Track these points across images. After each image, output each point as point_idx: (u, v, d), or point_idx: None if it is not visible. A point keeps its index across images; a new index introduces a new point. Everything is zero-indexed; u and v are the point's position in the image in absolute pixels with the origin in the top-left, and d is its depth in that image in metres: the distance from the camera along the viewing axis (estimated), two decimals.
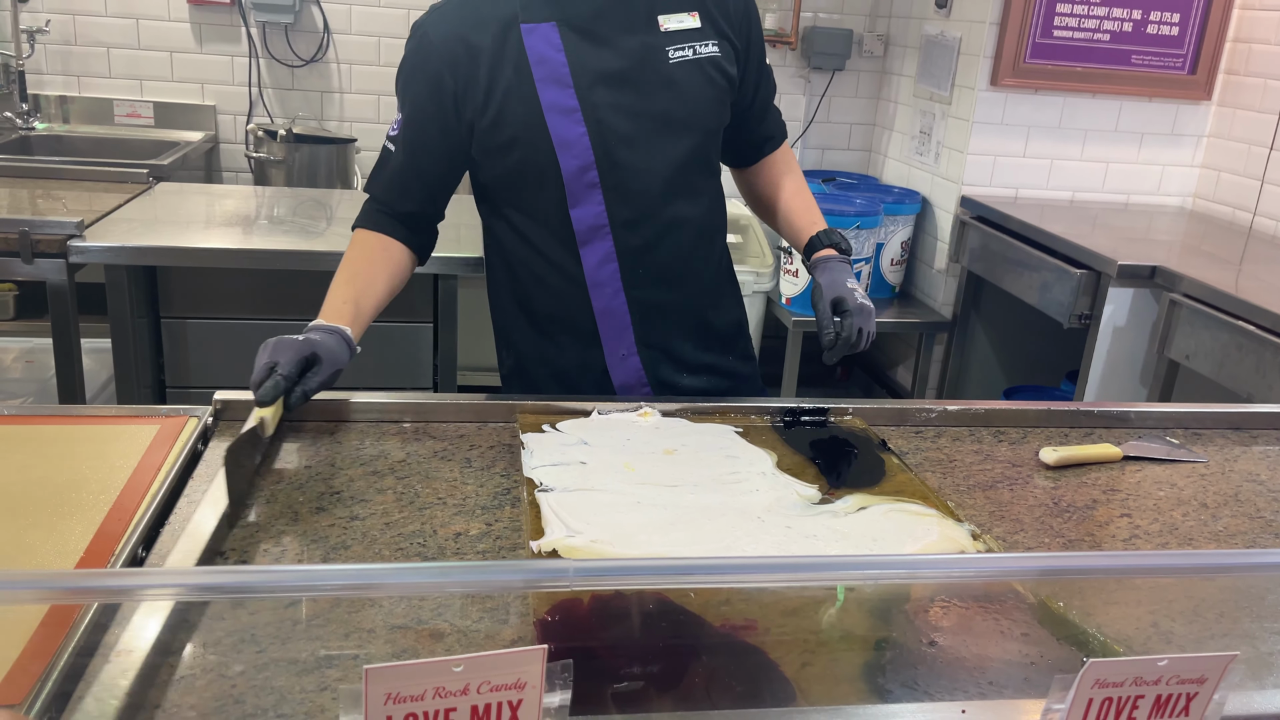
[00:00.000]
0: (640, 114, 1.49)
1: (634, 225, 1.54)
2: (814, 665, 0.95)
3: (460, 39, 1.47)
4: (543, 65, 1.46)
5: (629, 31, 1.48)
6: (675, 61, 1.50)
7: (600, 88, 1.47)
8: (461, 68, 1.47)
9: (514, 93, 1.46)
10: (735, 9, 1.57)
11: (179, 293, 2.38)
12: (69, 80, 3.70)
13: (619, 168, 1.50)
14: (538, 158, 1.49)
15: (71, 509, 1.14)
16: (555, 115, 1.46)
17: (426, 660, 0.62)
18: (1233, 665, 0.74)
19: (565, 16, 1.47)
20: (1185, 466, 1.48)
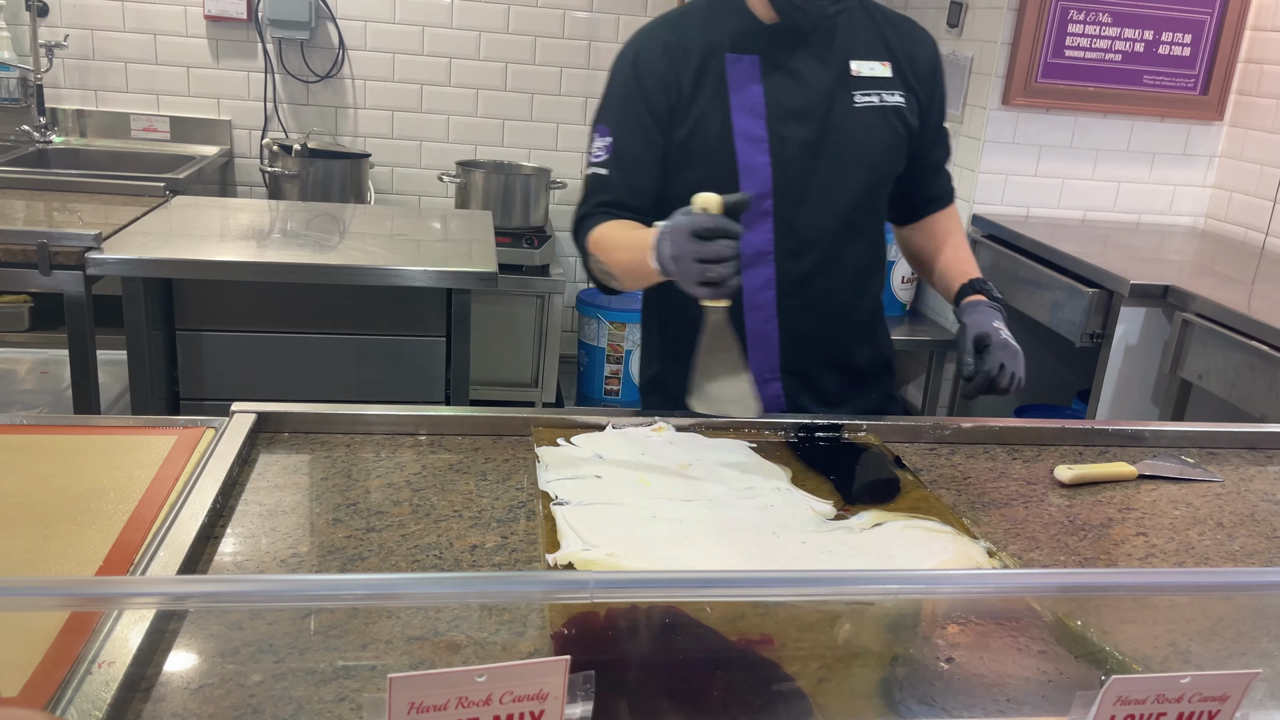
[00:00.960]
0: (821, 152, 1.56)
1: (798, 256, 1.59)
2: (831, 680, 0.95)
3: (672, 57, 1.55)
4: (741, 94, 1.53)
5: (823, 73, 1.56)
6: (860, 105, 1.57)
7: (789, 123, 1.54)
8: (671, 87, 1.55)
9: (710, 114, 1.54)
10: (924, 65, 1.63)
11: (194, 305, 2.39)
12: (86, 95, 3.74)
13: (793, 200, 1.57)
14: (720, 179, 1.52)
15: (91, 518, 1.14)
16: (744, 142, 1.54)
17: (450, 669, 0.62)
18: (1255, 683, 0.73)
19: (768, 52, 1.55)
20: (1200, 486, 1.47)
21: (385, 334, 2.49)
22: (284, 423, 1.41)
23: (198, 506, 1.14)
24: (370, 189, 3.68)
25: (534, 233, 3.59)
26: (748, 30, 1.55)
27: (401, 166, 3.95)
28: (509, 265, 3.43)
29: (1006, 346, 1.48)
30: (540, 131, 3.97)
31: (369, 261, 2.39)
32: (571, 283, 4.12)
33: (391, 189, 3.97)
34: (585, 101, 3.96)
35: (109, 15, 3.66)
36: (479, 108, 3.92)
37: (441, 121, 3.92)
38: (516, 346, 3.59)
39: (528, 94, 3.93)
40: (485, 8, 3.82)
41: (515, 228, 3.59)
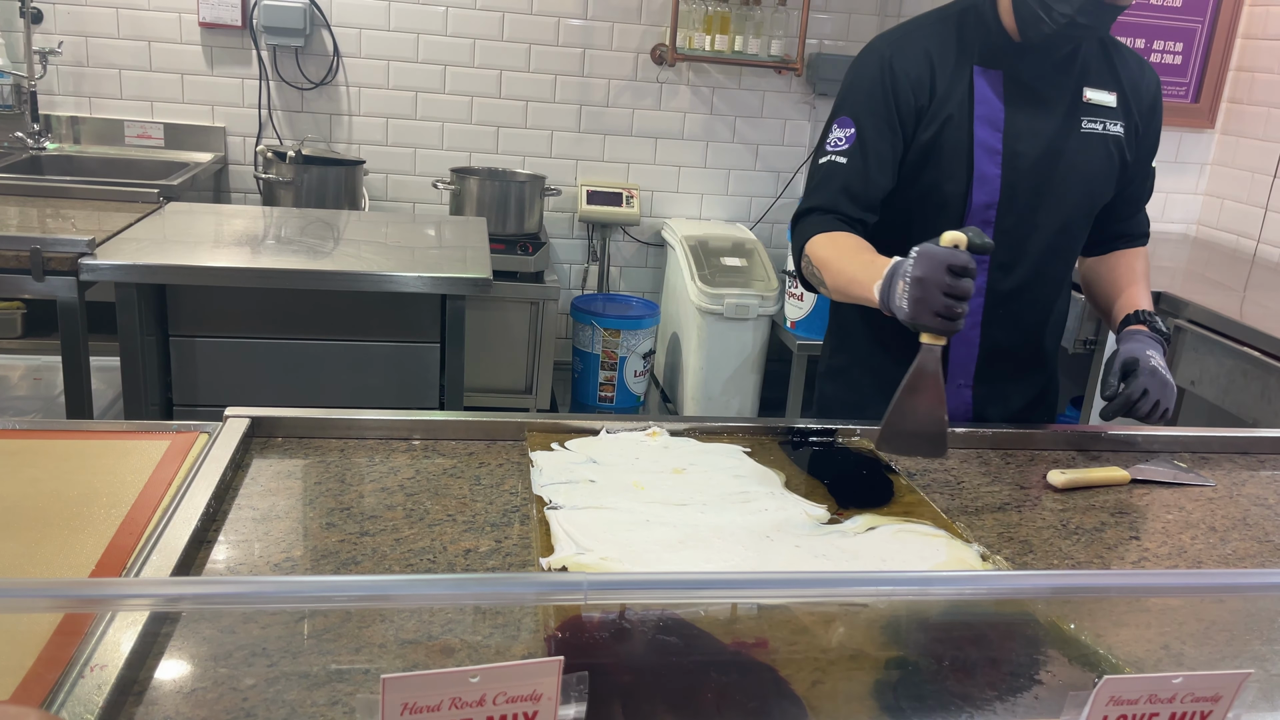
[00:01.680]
0: (1048, 171, 1.61)
1: (1009, 269, 1.64)
2: (825, 683, 0.95)
3: (929, 62, 1.59)
4: (984, 105, 1.59)
5: (1060, 96, 1.61)
6: (1086, 131, 1.61)
7: (1024, 139, 1.59)
8: (923, 90, 1.59)
9: (954, 121, 1.59)
10: (1147, 99, 1.68)
11: (188, 311, 2.39)
12: (80, 101, 3.73)
13: (1016, 213, 1.61)
14: (953, 184, 1.60)
15: (84, 523, 1.14)
16: (982, 151, 1.59)
17: (444, 670, 0.62)
18: (1247, 684, 0.74)
19: (1014, 70, 1.60)
20: (1193, 490, 1.48)
21: (380, 340, 2.49)
22: (277, 427, 1.41)
23: (191, 511, 1.14)
24: (365, 196, 3.68)
25: (528, 239, 3.59)
26: (997, 45, 1.60)
27: (396, 173, 3.95)
28: (503, 272, 3.43)
29: (1155, 374, 1.51)
30: (534, 138, 3.98)
31: (363, 267, 2.39)
32: (566, 289, 4.12)
33: (386, 196, 3.97)
34: (579, 109, 3.97)
35: (103, 22, 3.66)
36: (473, 115, 3.92)
37: (436, 128, 3.92)
38: (511, 353, 3.59)
39: (522, 101, 3.93)
40: (479, 15, 3.82)
41: (510, 234, 3.59)
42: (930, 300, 1.27)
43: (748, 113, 4.08)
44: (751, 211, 4.19)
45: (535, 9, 3.85)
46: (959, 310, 1.28)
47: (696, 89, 4.02)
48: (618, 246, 4.17)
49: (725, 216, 4.19)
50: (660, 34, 3.91)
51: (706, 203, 4.16)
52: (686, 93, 4.02)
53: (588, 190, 3.95)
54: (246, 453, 1.35)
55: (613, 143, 4.03)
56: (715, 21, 3.83)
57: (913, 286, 1.29)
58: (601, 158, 4.04)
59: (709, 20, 3.83)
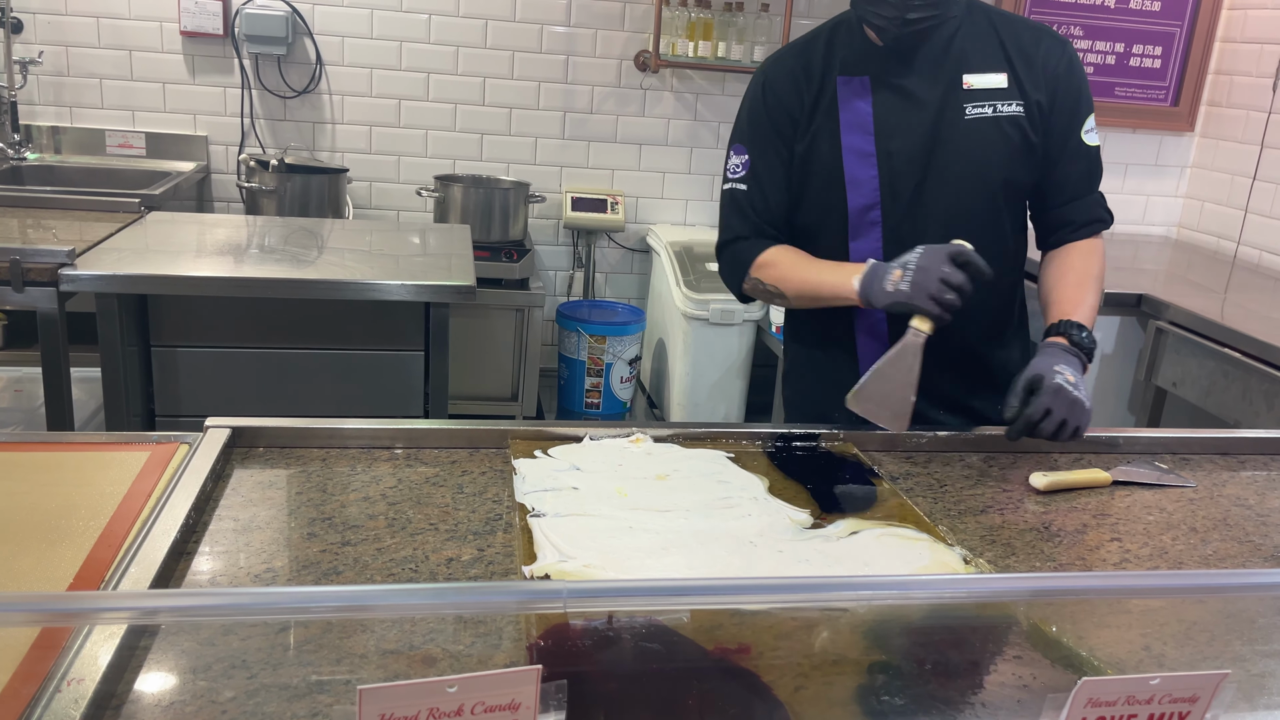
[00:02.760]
0: (928, 164, 1.61)
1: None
2: (808, 689, 0.95)
3: (795, 81, 1.65)
4: (850, 113, 1.62)
5: (932, 88, 1.61)
6: (971, 118, 1.60)
7: (896, 137, 1.61)
8: (794, 107, 1.65)
9: (823, 132, 1.63)
10: (1045, 72, 1.62)
11: (170, 321, 2.38)
12: (61, 111, 3.71)
13: (900, 210, 1.62)
14: (829, 192, 1.64)
15: (61, 536, 1.13)
16: (852, 157, 1.62)
17: (421, 680, 0.62)
18: (1224, 684, 0.74)
19: (878, 73, 1.62)
20: (1174, 491, 1.49)
21: (364, 349, 2.48)
22: (259, 437, 1.40)
23: (170, 523, 1.13)
24: (348, 204, 3.67)
25: (513, 246, 3.59)
26: (861, 52, 1.63)
27: (380, 181, 3.94)
28: (488, 279, 3.42)
29: (1059, 393, 1.46)
30: (519, 146, 3.98)
31: (347, 276, 2.38)
32: (551, 296, 4.12)
33: (370, 204, 3.96)
34: (563, 115, 3.97)
35: (84, 32, 3.65)
36: (457, 122, 3.92)
37: (420, 136, 3.92)
38: (496, 360, 3.58)
39: (506, 108, 3.93)
40: (462, 23, 3.82)
41: (494, 242, 3.59)
42: (928, 284, 1.43)
43: (732, 119, 4.08)
44: None
45: (519, 16, 3.85)
46: (950, 297, 1.42)
47: (680, 95, 4.03)
48: (603, 253, 4.17)
49: (710, 222, 4.19)
50: (644, 40, 3.92)
51: (691, 209, 4.17)
52: (670, 99, 4.02)
53: (572, 197, 3.95)
54: (227, 463, 1.34)
55: (597, 149, 4.03)
56: (698, 28, 3.84)
57: (915, 272, 1.45)
58: (586, 164, 4.04)
59: (692, 26, 3.84)
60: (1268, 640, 1.11)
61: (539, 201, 3.84)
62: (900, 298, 1.46)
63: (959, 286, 1.43)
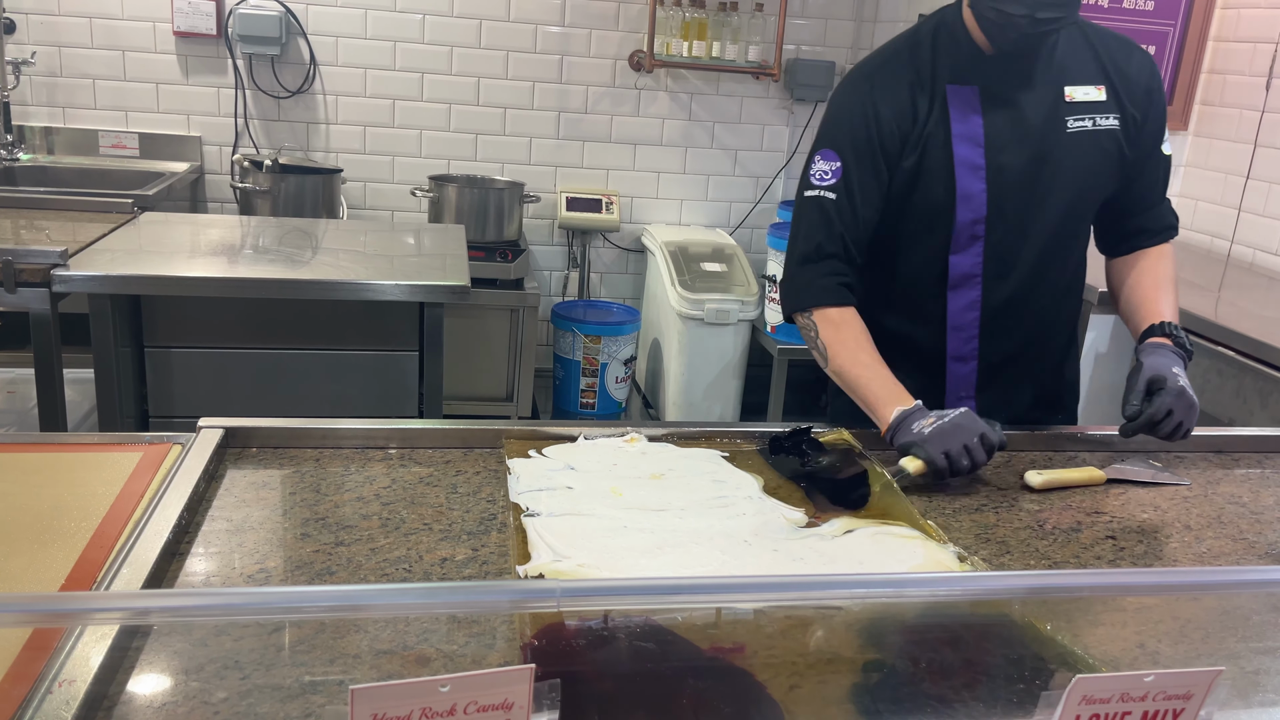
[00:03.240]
0: (1034, 179, 1.59)
1: (1003, 279, 1.63)
2: (802, 687, 0.94)
3: (911, 90, 1.59)
4: (962, 123, 1.57)
5: (1039, 100, 1.58)
6: (1073, 131, 1.58)
7: (1006, 151, 1.57)
8: (906, 117, 1.58)
9: (934, 142, 1.58)
10: (1139, 87, 1.62)
11: (163, 322, 2.37)
12: (54, 111, 3.70)
13: (1004, 226, 1.60)
14: (937, 205, 1.59)
15: (53, 537, 1.12)
16: (964, 170, 1.57)
17: (413, 680, 0.62)
18: (1218, 681, 0.74)
19: (987, 83, 1.57)
20: (1168, 489, 1.49)
21: (358, 349, 2.48)
22: (252, 438, 1.40)
23: (162, 523, 1.12)
24: (343, 204, 3.67)
25: (508, 246, 3.59)
26: (968, 59, 1.58)
27: (374, 181, 3.94)
28: (483, 279, 3.42)
29: (1181, 395, 1.48)
30: (513, 145, 3.97)
31: (341, 276, 2.38)
32: (546, 296, 4.12)
33: (364, 204, 3.95)
34: (558, 115, 3.97)
35: (77, 32, 3.64)
36: (451, 122, 3.92)
37: (414, 136, 3.91)
38: (491, 361, 3.58)
39: (500, 108, 3.93)
40: (457, 23, 3.82)
41: (489, 242, 3.58)
42: (952, 441, 1.40)
43: (726, 118, 4.09)
44: (731, 217, 4.20)
45: (513, 16, 3.85)
46: (963, 464, 1.40)
47: (675, 95, 4.03)
48: (598, 253, 4.17)
49: (705, 222, 4.19)
50: (638, 40, 3.92)
51: (686, 208, 4.17)
52: (665, 99, 4.02)
53: (567, 197, 3.95)
54: (220, 464, 1.34)
55: (592, 149, 4.03)
56: (693, 28, 3.84)
57: (946, 425, 1.41)
58: (581, 164, 4.04)
59: (686, 26, 3.84)
60: (1262, 637, 1.11)
61: (534, 201, 3.84)
62: (918, 440, 1.41)
63: (974, 462, 1.41)
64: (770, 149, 4.15)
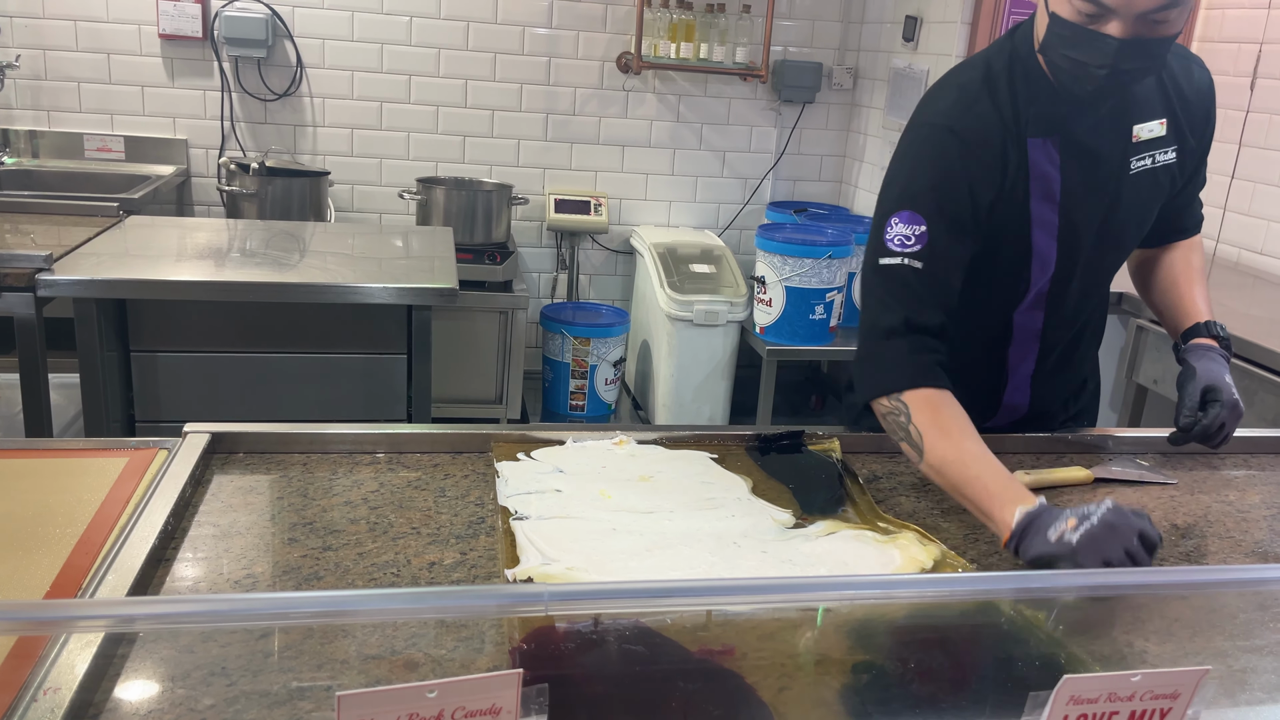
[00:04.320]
0: (1103, 231, 1.49)
1: (1061, 330, 1.58)
2: (792, 689, 0.94)
3: (1003, 134, 1.39)
4: (1040, 181, 1.41)
5: (1110, 146, 1.44)
6: (1135, 172, 1.46)
7: (1080, 207, 1.45)
8: (995, 175, 1.40)
9: (1009, 198, 1.41)
10: (1199, 109, 1.51)
11: (150, 326, 2.36)
12: (39, 115, 3.68)
13: (1070, 281, 1.51)
14: (1010, 264, 1.46)
15: (38, 543, 1.12)
16: (1039, 230, 1.44)
17: (400, 685, 0.61)
18: (1205, 680, 0.74)
19: (1066, 131, 1.41)
20: (1155, 488, 1.49)
21: (346, 352, 2.47)
22: (239, 443, 1.39)
23: (148, 529, 1.12)
24: (330, 207, 3.66)
25: (496, 248, 3.58)
26: (1048, 104, 1.40)
27: (362, 184, 3.93)
28: (471, 281, 3.41)
29: (1236, 408, 1.45)
30: (501, 148, 3.97)
31: (328, 279, 2.37)
32: (535, 298, 4.12)
33: (352, 207, 3.95)
34: (546, 117, 3.97)
35: (61, 35, 3.62)
36: (439, 124, 3.91)
37: (402, 139, 3.90)
38: (480, 363, 3.57)
39: (488, 110, 3.92)
40: (444, 25, 3.82)
41: (477, 244, 3.58)
42: (1108, 551, 1.12)
43: (714, 120, 4.09)
44: (719, 218, 4.21)
45: (500, 18, 3.84)
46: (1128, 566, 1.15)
47: (663, 96, 4.03)
48: (586, 255, 4.17)
49: (693, 223, 4.20)
50: (626, 42, 3.92)
51: (675, 210, 4.17)
52: (653, 100, 4.02)
53: (555, 199, 3.94)
54: (207, 469, 1.33)
55: (580, 151, 4.03)
56: (680, 29, 3.85)
57: (1097, 529, 1.13)
58: (569, 166, 4.04)
59: (674, 28, 3.85)
60: (1249, 636, 1.12)
61: (522, 204, 3.84)
62: (1064, 554, 1.13)
63: (1136, 562, 1.13)
64: (758, 150, 4.16)
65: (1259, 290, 3.05)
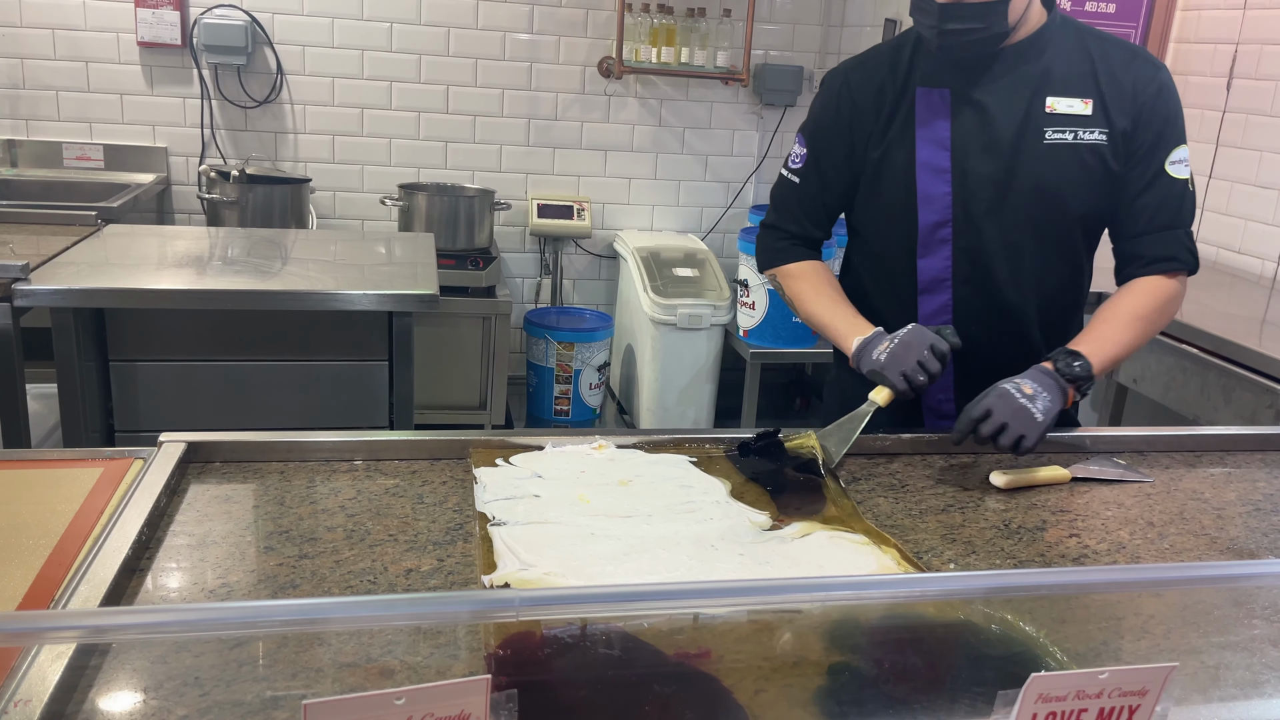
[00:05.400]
0: (1004, 185, 1.58)
1: (974, 284, 1.63)
2: (768, 691, 0.95)
3: (880, 87, 1.63)
4: (928, 125, 1.59)
5: (1013, 109, 1.57)
6: (1050, 142, 1.56)
7: (974, 157, 1.58)
8: (872, 113, 1.63)
9: (898, 142, 1.61)
10: (1136, 96, 1.56)
11: (129, 335, 2.34)
12: (17, 124, 3.66)
13: (972, 230, 1.60)
14: (900, 207, 1.63)
15: (10, 554, 1.11)
16: (926, 172, 1.60)
17: (367, 693, 0.61)
18: (1174, 676, 0.75)
19: (959, 85, 1.58)
20: (1132, 487, 1.50)
21: (327, 360, 2.46)
22: (215, 452, 1.38)
23: (122, 539, 1.11)
24: (312, 214, 3.65)
25: (479, 254, 3.58)
26: (944, 64, 1.59)
27: (343, 191, 3.92)
28: (454, 287, 3.41)
29: (1004, 397, 1.44)
30: (483, 153, 3.97)
31: (308, 286, 2.36)
32: (518, 303, 4.11)
33: (334, 214, 3.93)
34: (528, 122, 3.97)
35: (39, 43, 3.60)
36: (421, 130, 3.91)
37: (383, 145, 3.90)
38: (463, 369, 3.56)
39: (470, 116, 3.92)
40: (425, 31, 3.81)
41: (460, 249, 3.57)
42: (905, 361, 1.48)
43: (696, 124, 4.10)
44: (702, 222, 4.21)
45: (481, 24, 3.84)
46: (920, 380, 1.47)
47: (644, 101, 4.03)
48: (570, 259, 4.16)
49: (676, 227, 4.20)
50: (607, 47, 3.92)
51: (658, 214, 4.18)
52: (635, 105, 4.03)
53: (538, 204, 3.94)
54: (183, 478, 1.32)
55: (562, 156, 4.03)
56: (661, 34, 3.85)
57: (896, 346, 1.50)
58: (551, 171, 4.04)
59: (655, 33, 3.85)
60: (1223, 632, 1.12)
61: (504, 209, 3.83)
62: (877, 368, 1.51)
63: (930, 371, 1.47)
64: (740, 154, 4.17)
65: (1236, 288, 3.07)
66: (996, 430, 1.43)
